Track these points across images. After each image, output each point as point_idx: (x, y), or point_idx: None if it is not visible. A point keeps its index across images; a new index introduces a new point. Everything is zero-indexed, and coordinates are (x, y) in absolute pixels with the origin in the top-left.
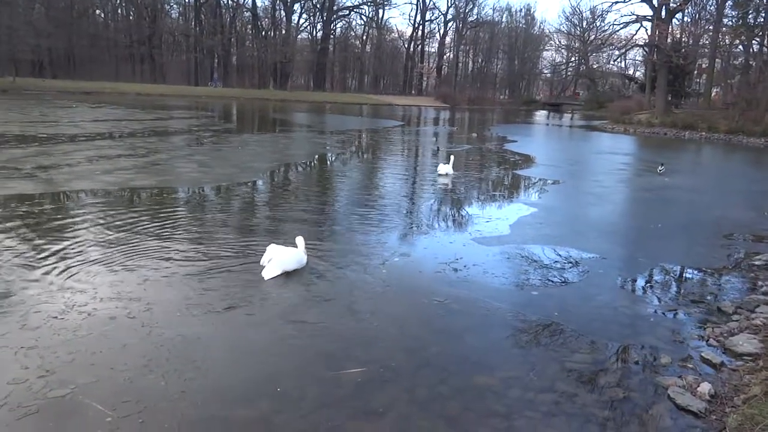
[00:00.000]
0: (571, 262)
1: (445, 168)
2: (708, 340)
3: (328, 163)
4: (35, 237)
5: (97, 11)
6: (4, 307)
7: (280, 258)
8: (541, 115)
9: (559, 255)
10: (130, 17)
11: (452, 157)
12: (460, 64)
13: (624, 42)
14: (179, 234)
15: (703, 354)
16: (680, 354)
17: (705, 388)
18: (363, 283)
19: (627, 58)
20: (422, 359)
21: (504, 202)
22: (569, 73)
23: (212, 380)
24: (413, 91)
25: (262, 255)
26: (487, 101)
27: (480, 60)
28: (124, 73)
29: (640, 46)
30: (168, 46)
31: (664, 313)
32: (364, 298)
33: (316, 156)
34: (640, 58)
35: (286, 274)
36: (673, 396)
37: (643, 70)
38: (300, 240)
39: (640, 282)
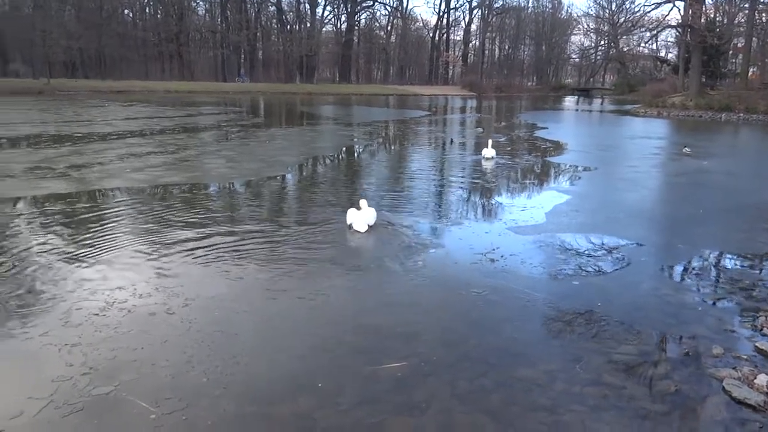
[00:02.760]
0: (609, 250)
1: (489, 152)
2: (761, 330)
3: (356, 154)
4: (71, 236)
5: (126, 11)
6: (47, 305)
7: (365, 216)
8: (570, 100)
9: (597, 243)
10: (158, 16)
11: (490, 141)
12: (486, 52)
13: (655, 23)
14: (211, 230)
15: (757, 344)
16: (732, 344)
17: (763, 379)
18: (398, 276)
19: (659, 39)
20: (462, 352)
21: (537, 190)
22: (598, 58)
23: (253, 376)
24: (439, 81)
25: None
26: (515, 88)
27: (506, 47)
28: (153, 72)
29: (673, 26)
30: (195, 44)
31: (711, 302)
32: (400, 291)
33: (344, 148)
34: (672, 40)
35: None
36: (729, 388)
37: (675, 52)
38: (364, 202)
39: (683, 269)
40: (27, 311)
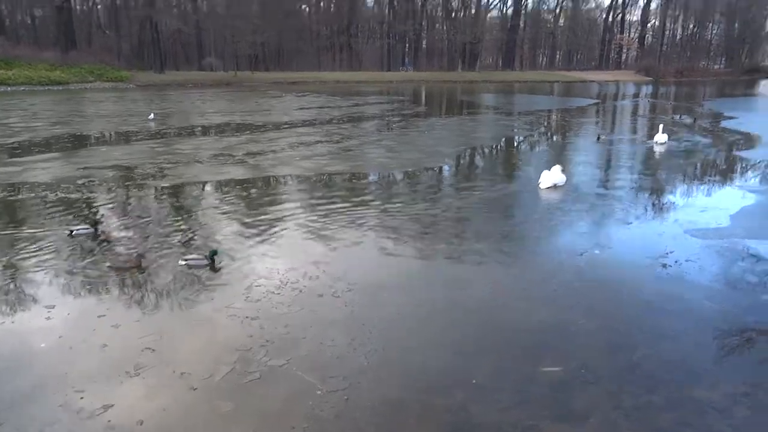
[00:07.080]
0: None
1: (662, 137)
2: None
3: (515, 146)
4: (249, 218)
5: (303, 6)
6: (232, 280)
7: (552, 175)
8: (767, 85)
9: None
10: (331, 8)
11: (661, 125)
12: (667, 32)
13: None
14: (373, 219)
15: None
16: None
17: None
18: (560, 275)
19: None
20: (628, 362)
21: (721, 188)
22: None
23: (411, 365)
24: (610, 66)
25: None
26: (698, 72)
27: (691, 26)
28: (325, 62)
29: None
30: (363, 34)
31: None
32: (562, 290)
33: (503, 139)
34: None
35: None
36: None
37: None
38: (557, 167)
39: None
40: (215, 285)
